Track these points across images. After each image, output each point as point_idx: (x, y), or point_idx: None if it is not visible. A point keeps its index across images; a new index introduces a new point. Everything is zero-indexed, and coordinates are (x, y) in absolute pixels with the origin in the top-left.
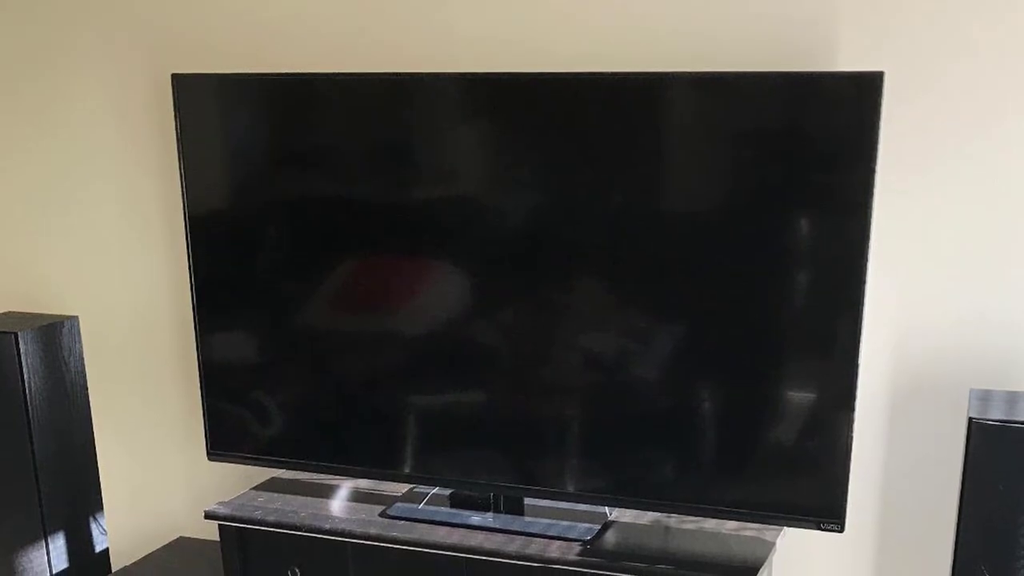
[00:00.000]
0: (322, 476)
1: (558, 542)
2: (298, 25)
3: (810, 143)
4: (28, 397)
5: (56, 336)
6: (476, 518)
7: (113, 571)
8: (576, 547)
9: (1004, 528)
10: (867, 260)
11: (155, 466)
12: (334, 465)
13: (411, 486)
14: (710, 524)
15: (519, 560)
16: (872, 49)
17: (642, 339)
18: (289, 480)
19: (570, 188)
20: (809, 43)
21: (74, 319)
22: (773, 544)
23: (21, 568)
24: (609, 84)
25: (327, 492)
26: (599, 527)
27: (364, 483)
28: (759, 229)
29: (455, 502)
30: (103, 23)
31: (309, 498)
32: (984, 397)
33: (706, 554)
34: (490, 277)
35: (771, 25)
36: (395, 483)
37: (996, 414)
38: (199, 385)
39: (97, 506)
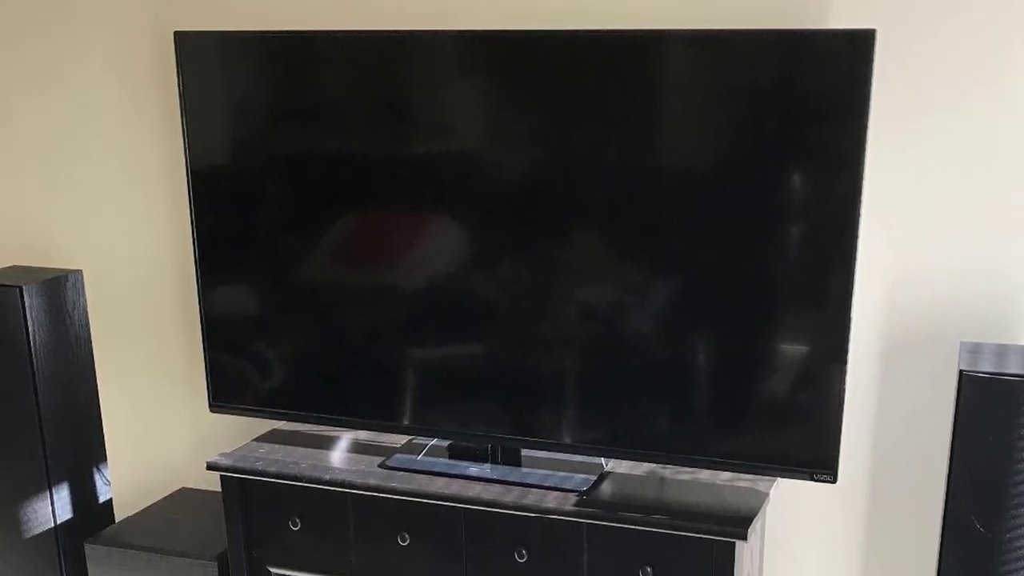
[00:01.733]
0: (322, 428)
1: (555, 492)
2: None
3: (804, 100)
4: (32, 350)
5: (60, 290)
6: (474, 469)
7: (116, 521)
8: (572, 497)
9: (994, 479)
10: (859, 215)
11: (158, 418)
12: (334, 417)
13: (410, 437)
14: (705, 475)
15: (516, 510)
16: (864, 6)
17: (638, 293)
18: (290, 432)
19: (567, 144)
20: (802, 1)
21: (78, 273)
22: (767, 495)
23: (26, 518)
24: (606, 42)
25: (327, 443)
26: (595, 478)
27: (364, 435)
28: (753, 185)
29: (453, 453)
30: None
31: (309, 449)
32: (974, 350)
33: (701, 504)
34: (488, 232)
35: None
36: (394, 435)
37: (986, 366)
38: (201, 338)
39: (100, 457)
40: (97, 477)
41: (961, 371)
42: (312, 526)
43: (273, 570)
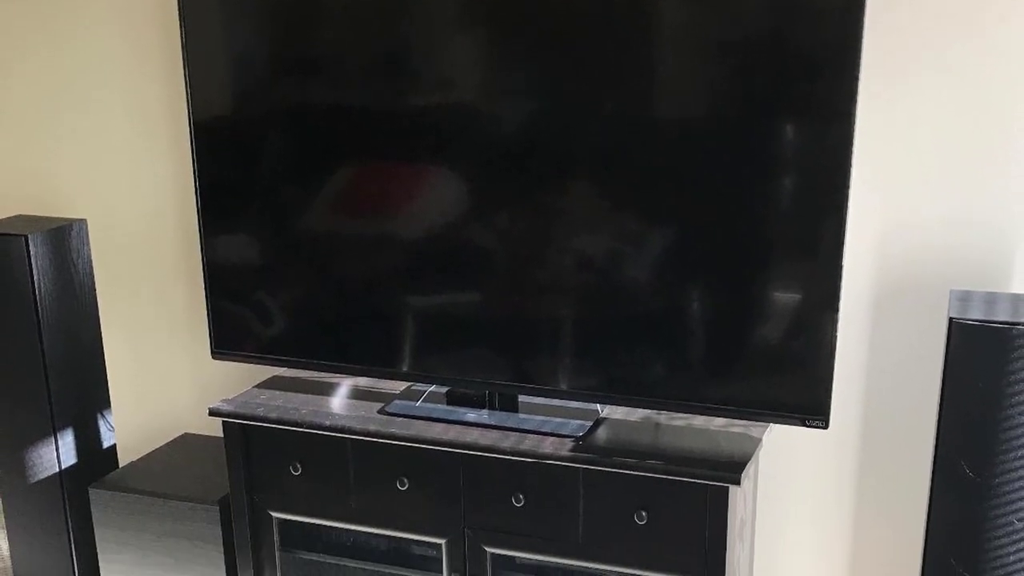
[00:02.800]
0: (323, 374)
1: (551, 438)
2: None
3: (795, 51)
4: (38, 298)
5: (65, 239)
6: (472, 415)
7: (120, 466)
8: (569, 443)
9: (983, 424)
10: (851, 165)
11: (161, 364)
12: (334, 364)
13: (409, 384)
14: (699, 421)
15: (513, 456)
16: None
17: (633, 242)
18: (291, 378)
19: (563, 96)
20: None
21: (82, 222)
22: (760, 440)
23: (31, 463)
24: None
25: (327, 390)
26: (591, 424)
27: (363, 381)
28: (747, 136)
29: (451, 399)
30: None
31: (310, 395)
32: (964, 298)
33: (695, 450)
34: (486, 182)
35: None
36: (393, 381)
37: (976, 314)
38: (203, 286)
39: (104, 403)
40: (101, 423)
41: (951, 319)
42: (312, 471)
43: (274, 514)
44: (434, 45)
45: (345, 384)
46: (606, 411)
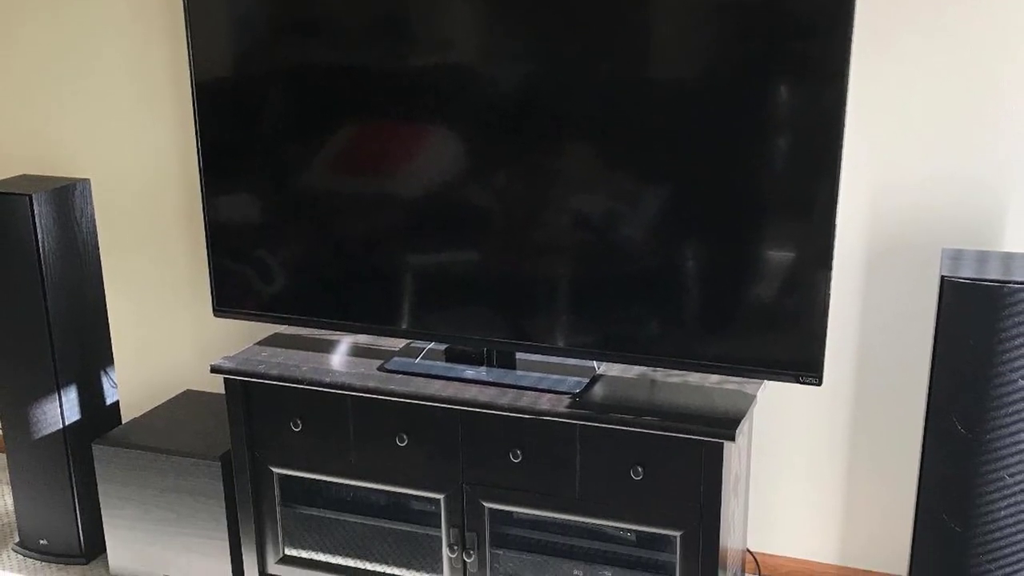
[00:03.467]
0: (323, 332)
1: (548, 395)
2: None
3: (789, 12)
4: (42, 256)
5: (69, 198)
6: (470, 372)
7: (123, 422)
8: (566, 399)
9: (974, 381)
10: (844, 125)
11: (163, 322)
12: (334, 321)
13: (408, 341)
14: (694, 378)
15: (511, 412)
16: None
17: (630, 202)
18: (291, 336)
19: (560, 57)
20: None
21: (86, 182)
22: (754, 397)
23: (35, 420)
24: None
25: (328, 347)
26: (588, 380)
27: (363, 338)
28: (741, 97)
29: (450, 356)
30: None
31: (310, 353)
32: (955, 256)
33: (690, 406)
34: (484, 142)
35: None
36: (393, 338)
37: (967, 272)
38: (205, 245)
39: (108, 360)
40: (104, 380)
41: (943, 277)
42: (313, 427)
43: (275, 470)
44: (433, 6)
45: (345, 341)
46: (602, 368)
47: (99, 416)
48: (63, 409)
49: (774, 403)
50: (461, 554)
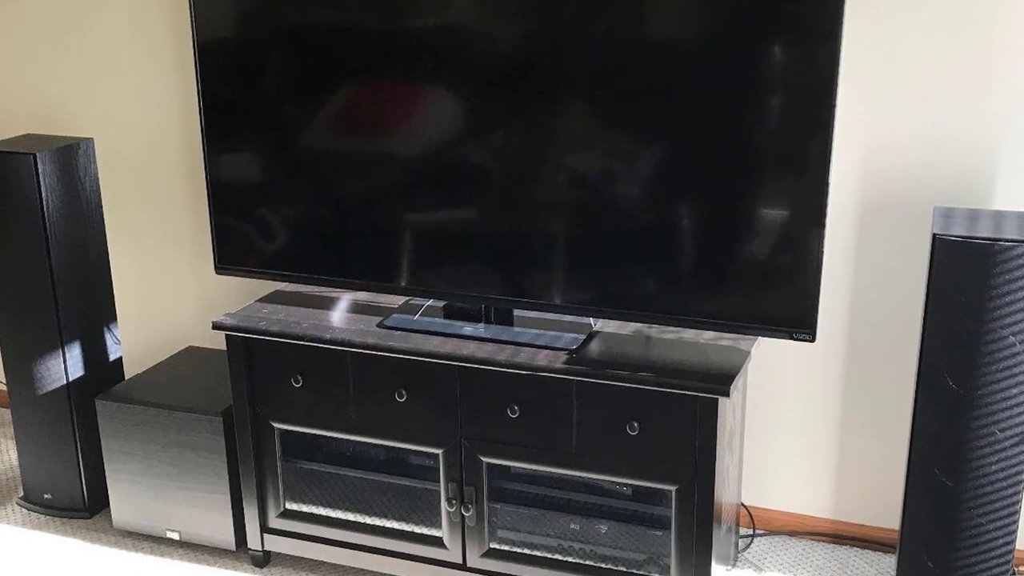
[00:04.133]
0: (323, 289)
1: (545, 351)
2: None
3: None
4: (46, 214)
5: (72, 157)
6: (468, 328)
7: (126, 378)
8: (563, 356)
9: (965, 337)
10: (837, 84)
11: (165, 279)
12: (335, 278)
13: (407, 298)
14: (689, 334)
15: (509, 368)
16: None
17: (626, 160)
18: (292, 292)
19: (557, 17)
20: None
21: (89, 141)
22: (748, 353)
23: (39, 375)
24: None
25: (328, 304)
26: (584, 337)
27: (363, 295)
28: (736, 56)
29: (448, 313)
30: None
31: (311, 309)
32: (947, 214)
33: (685, 362)
34: (482, 101)
35: None
36: (392, 295)
37: (958, 230)
38: (207, 203)
39: (111, 317)
40: (107, 336)
41: (935, 235)
42: (313, 383)
43: (276, 425)
44: None
45: (345, 298)
46: (599, 325)
47: (102, 372)
48: (67, 365)
49: (768, 359)
50: (459, 508)
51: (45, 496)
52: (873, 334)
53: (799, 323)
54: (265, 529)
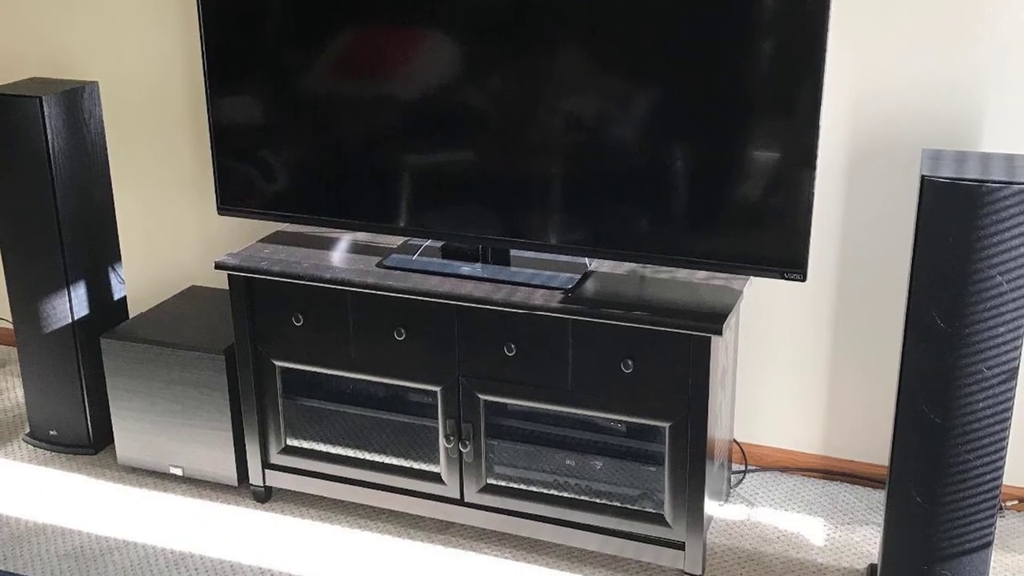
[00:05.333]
0: (323, 229)
1: (542, 290)
2: None
3: None
4: (51, 157)
5: (77, 100)
6: (466, 268)
7: (130, 317)
8: (558, 295)
9: (953, 277)
10: (827, 29)
11: (169, 220)
12: (335, 219)
13: (406, 239)
14: (682, 274)
15: (505, 307)
16: None
17: (620, 103)
18: (293, 233)
19: None
20: None
21: (94, 84)
22: (740, 292)
23: (45, 315)
24: None
25: (328, 244)
26: (579, 276)
27: (362, 236)
28: (729, 0)
29: (446, 253)
30: None
31: (311, 250)
32: (935, 156)
33: (678, 301)
34: (479, 45)
35: None
36: (391, 236)
37: (946, 172)
38: (210, 145)
39: (115, 257)
40: (112, 276)
41: (923, 176)
42: (314, 322)
43: (277, 363)
44: None
45: (345, 239)
46: (594, 265)
47: (107, 311)
48: (72, 304)
49: (760, 299)
50: (457, 444)
51: (51, 433)
52: (863, 274)
53: (790, 263)
54: (266, 465)
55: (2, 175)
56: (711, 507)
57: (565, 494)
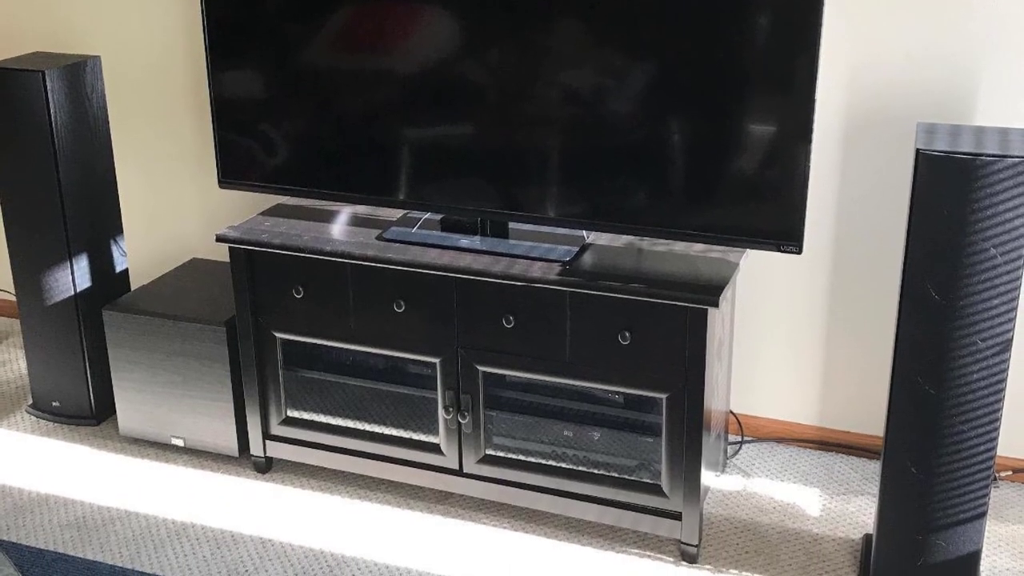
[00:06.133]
0: (324, 203)
1: (540, 263)
2: None
3: None
4: (54, 130)
5: (80, 74)
6: (465, 241)
7: (132, 289)
8: (556, 267)
9: (947, 250)
10: (823, 2)
11: (170, 193)
12: (335, 192)
13: (405, 212)
14: (679, 247)
15: (504, 279)
16: None
17: (617, 77)
18: (293, 206)
19: None
20: None
21: (96, 58)
22: (737, 265)
23: (48, 287)
24: None
25: (328, 217)
26: (577, 249)
27: (362, 209)
28: None
29: (445, 226)
30: None
31: (312, 222)
32: (930, 130)
33: (676, 274)
34: (478, 19)
35: None
36: (390, 209)
37: (941, 145)
38: (211, 119)
39: (117, 230)
40: (114, 248)
41: (918, 150)
42: (314, 294)
43: (277, 335)
44: None
45: (345, 212)
46: (591, 237)
47: (109, 283)
48: (74, 277)
49: (756, 271)
50: (456, 415)
51: (53, 404)
52: (858, 246)
53: (786, 235)
54: (267, 436)
55: (5, 149)
56: (708, 478)
57: (563, 465)
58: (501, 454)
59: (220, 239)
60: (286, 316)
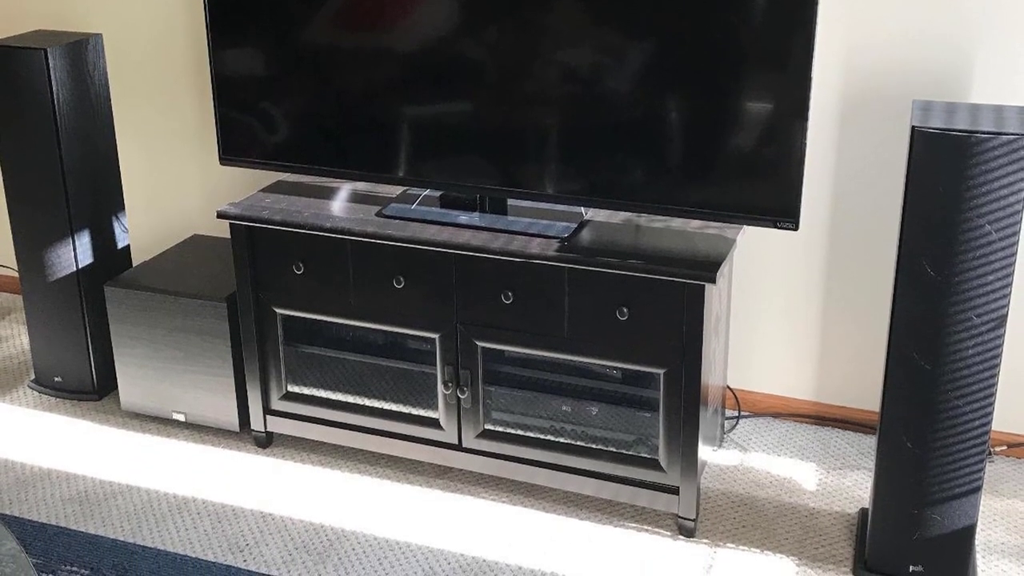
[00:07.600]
0: (324, 179)
1: (538, 239)
2: None
3: None
4: (56, 108)
5: (82, 52)
6: (464, 217)
7: (133, 265)
8: (555, 244)
9: (943, 226)
10: None
11: (172, 170)
12: (335, 169)
13: (405, 188)
14: (677, 223)
15: (503, 256)
16: None
17: (615, 55)
18: (293, 183)
19: None
20: None
21: (98, 36)
22: (734, 241)
23: (50, 263)
24: None
25: (328, 194)
26: (575, 225)
27: (362, 185)
28: None
29: (445, 203)
30: None
31: (312, 199)
32: (926, 107)
33: (673, 250)
34: None
35: None
36: (390, 185)
37: (936, 123)
38: (212, 96)
39: (119, 206)
40: (115, 225)
41: (913, 127)
42: (314, 270)
43: (278, 311)
44: None
45: (345, 188)
46: (589, 214)
47: (111, 259)
48: (76, 253)
49: (753, 247)
50: (455, 390)
51: (55, 379)
52: (854, 223)
53: (783, 212)
54: (268, 411)
55: (7, 126)
56: (705, 452)
57: (561, 440)
58: (500, 429)
59: (221, 215)
60: (286, 292)
